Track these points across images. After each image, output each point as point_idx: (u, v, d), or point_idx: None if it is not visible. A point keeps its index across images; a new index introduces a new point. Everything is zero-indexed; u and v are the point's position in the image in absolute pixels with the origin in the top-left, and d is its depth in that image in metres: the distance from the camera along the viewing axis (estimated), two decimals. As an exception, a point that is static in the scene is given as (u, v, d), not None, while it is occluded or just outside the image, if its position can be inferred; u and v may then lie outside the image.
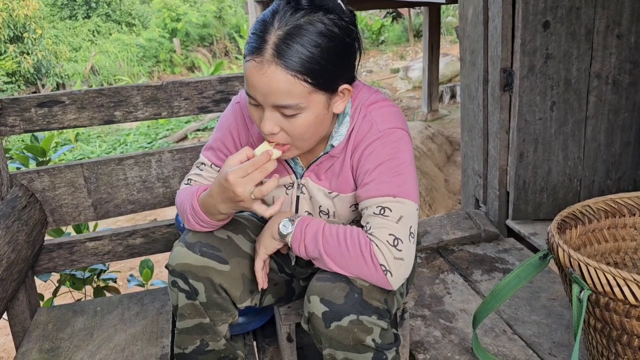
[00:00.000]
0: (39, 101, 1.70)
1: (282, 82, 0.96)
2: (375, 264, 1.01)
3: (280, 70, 0.95)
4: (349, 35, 1.01)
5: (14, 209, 1.62)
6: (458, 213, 2.41)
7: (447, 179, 5.46)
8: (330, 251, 1.05)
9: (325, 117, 1.04)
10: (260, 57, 0.96)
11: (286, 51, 0.95)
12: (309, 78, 0.97)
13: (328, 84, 1.00)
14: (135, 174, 1.83)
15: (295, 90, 0.97)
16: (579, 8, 1.93)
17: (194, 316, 1.22)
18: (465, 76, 2.32)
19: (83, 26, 17.07)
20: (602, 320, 1.15)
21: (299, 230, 1.09)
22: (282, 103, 0.98)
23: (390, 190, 1.05)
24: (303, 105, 0.99)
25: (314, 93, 0.99)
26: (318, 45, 0.96)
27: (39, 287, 2.04)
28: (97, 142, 8.44)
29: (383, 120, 1.09)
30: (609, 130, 2.10)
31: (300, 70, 0.96)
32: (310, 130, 1.03)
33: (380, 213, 1.04)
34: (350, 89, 1.06)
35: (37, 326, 1.70)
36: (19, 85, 12.24)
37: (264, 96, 0.99)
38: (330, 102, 1.04)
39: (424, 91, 7.26)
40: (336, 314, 1.03)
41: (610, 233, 1.43)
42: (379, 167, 1.07)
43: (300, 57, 0.95)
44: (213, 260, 1.18)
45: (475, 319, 1.46)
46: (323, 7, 0.98)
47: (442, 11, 10.16)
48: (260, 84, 0.97)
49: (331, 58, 0.98)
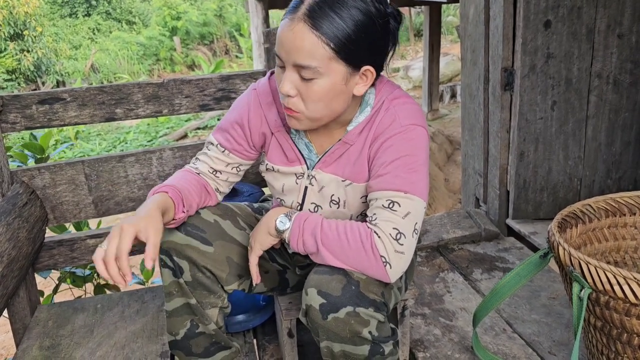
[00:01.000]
0: (40, 98, 1.70)
1: (306, 40, 0.98)
2: (376, 255, 1.02)
3: (307, 29, 0.98)
4: (385, 19, 1.03)
5: (15, 205, 1.62)
6: (458, 212, 2.41)
7: (447, 179, 5.47)
8: (329, 244, 1.05)
9: (342, 91, 1.05)
10: (293, 14, 1.00)
11: (318, 12, 0.98)
12: (333, 44, 0.99)
13: (351, 57, 1.01)
14: (136, 172, 1.83)
15: (317, 52, 0.99)
16: (580, 7, 1.93)
17: (181, 294, 1.22)
18: (466, 75, 2.32)
19: (83, 24, 17.06)
20: (602, 319, 1.16)
21: (297, 226, 1.09)
22: (302, 63, 1.00)
23: (403, 186, 1.06)
24: (321, 69, 1.00)
25: (334, 61, 1.00)
26: (351, 16, 0.99)
27: (39, 284, 2.04)
28: (97, 140, 8.44)
29: (406, 116, 1.11)
30: (609, 129, 2.10)
31: (326, 33, 0.98)
32: (324, 100, 1.04)
33: (389, 207, 1.05)
34: (374, 73, 1.06)
35: (38, 323, 1.70)
36: (19, 82, 12.24)
37: (287, 53, 1.01)
38: (350, 78, 1.04)
39: (424, 90, 7.26)
40: (333, 306, 1.03)
41: (610, 232, 1.43)
42: (396, 162, 1.08)
43: (330, 21, 0.98)
44: (196, 240, 1.19)
45: (475, 317, 1.47)
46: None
47: (442, 10, 10.16)
48: (286, 40, 1.00)
49: (360, 34, 1.00)
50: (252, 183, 1.88)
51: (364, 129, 1.13)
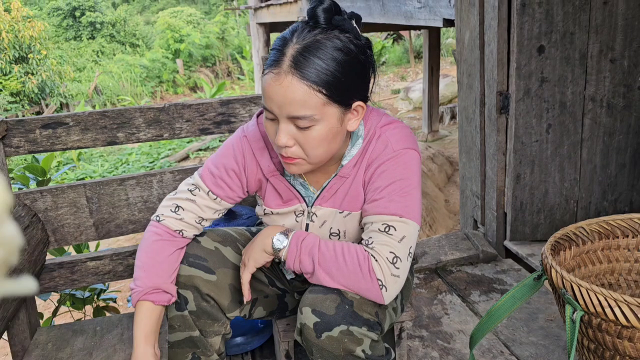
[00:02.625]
0: (44, 122, 1.73)
1: (297, 91, 0.99)
2: (373, 278, 1.04)
3: (296, 80, 0.99)
4: (364, 54, 1.05)
5: (17, 228, 1.64)
6: (456, 234, 2.42)
7: (447, 199, 5.48)
8: (326, 265, 1.06)
9: (338, 132, 1.06)
10: (278, 68, 1.00)
11: (303, 62, 0.99)
12: (324, 89, 1.00)
13: (342, 97, 1.03)
14: (136, 194, 1.85)
15: (311, 101, 1.00)
16: (572, 33, 1.97)
17: (183, 329, 1.24)
18: (463, 99, 2.36)
19: (87, 47, 17.28)
20: (595, 341, 1.17)
21: (295, 245, 1.10)
22: (297, 114, 1.01)
23: (398, 210, 1.08)
24: (317, 117, 1.01)
25: (329, 105, 1.02)
26: (334, 58, 1.00)
27: (39, 306, 2.05)
28: (100, 161, 8.49)
29: (398, 140, 1.13)
30: (604, 152, 2.12)
31: (316, 81, 0.99)
32: (323, 145, 1.05)
33: (385, 231, 1.07)
34: (364, 107, 1.09)
35: (37, 346, 1.71)
36: (23, 105, 12.36)
37: (280, 107, 1.01)
38: (344, 118, 1.06)
39: (424, 112, 7.32)
40: (327, 325, 1.05)
41: (604, 254, 1.45)
42: (391, 186, 1.10)
43: (317, 68, 0.99)
44: (200, 270, 1.21)
45: (472, 339, 1.47)
46: (340, 26, 1.03)
47: (442, 33, 10.29)
48: (277, 94, 1.01)
49: (346, 73, 1.02)
50: (251, 206, 1.90)
51: (359, 159, 1.15)
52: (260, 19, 7.61)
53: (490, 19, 2.05)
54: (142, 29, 18.82)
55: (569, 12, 1.95)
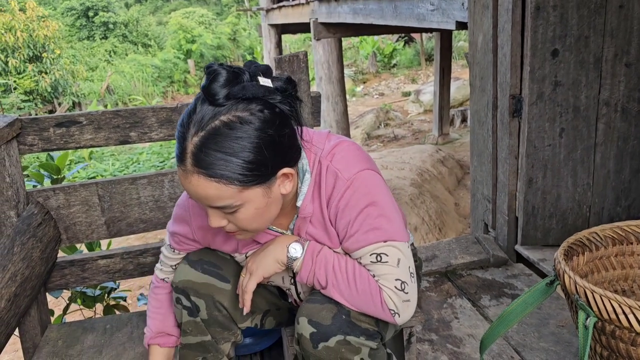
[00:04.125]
0: (57, 121, 1.75)
1: (208, 189, 0.93)
2: (385, 308, 1.03)
3: (202, 179, 0.92)
4: (277, 123, 0.94)
5: (30, 225, 1.66)
6: (467, 237, 2.41)
7: (457, 203, 5.46)
8: (339, 287, 1.05)
9: (270, 203, 1.00)
10: (183, 165, 0.93)
11: (204, 160, 0.91)
12: (235, 181, 0.93)
13: (259, 179, 0.95)
14: (148, 194, 1.86)
15: (224, 194, 0.93)
16: (587, 37, 1.96)
17: (195, 334, 1.24)
18: (475, 102, 2.34)
19: (100, 46, 17.43)
20: (608, 348, 1.15)
21: (310, 257, 1.07)
22: (216, 205, 0.96)
23: (378, 237, 1.03)
24: (238, 203, 0.95)
25: (246, 190, 0.95)
26: (239, 147, 0.91)
27: (50, 304, 2.07)
28: (111, 160, 8.55)
29: (346, 167, 1.05)
30: (618, 157, 2.10)
31: (223, 176, 0.92)
32: (256, 220, 1.00)
33: (378, 260, 1.03)
34: (292, 173, 1.00)
35: (48, 342, 1.72)
36: (36, 103, 12.49)
37: (199, 200, 0.97)
38: (271, 190, 0.99)
39: (435, 115, 7.30)
40: (323, 335, 1.04)
41: (617, 260, 1.43)
42: (359, 217, 1.04)
43: (221, 163, 0.91)
44: (214, 277, 1.21)
45: (482, 344, 1.46)
46: (242, 98, 0.92)
47: (453, 36, 10.25)
48: (190, 191, 0.96)
49: (256, 157, 0.93)
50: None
51: (314, 195, 1.08)
52: (272, 20, 7.63)
53: (503, 21, 2.04)
54: (154, 29, 18.95)
55: (583, 15, 1.93)
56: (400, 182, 5.02)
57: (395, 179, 5.09)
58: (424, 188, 5.07)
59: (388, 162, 5.65)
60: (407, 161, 5.67)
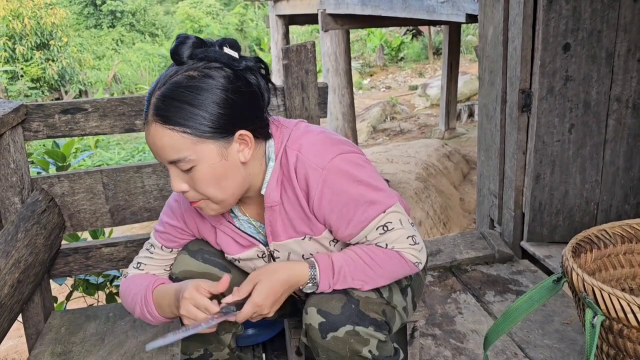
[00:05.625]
0: (63, 108, 1.73)
1: (163, 137, 0.97)
2: (410, 264, 1.09)
3: (159, 126, 0.97)
4: (237, 83, 0.99)
5: (34, 212, 1.65)
6: (472, 233, 2.39)
7: (462, 198, 5.43)
8: (363, 278, 1.07)
9: (226, 167, 1.01)
10: (145, 118, 1.00)
11: (162, 108, 0.97)
12: (188, 129, 0.96)
13: (213, 132, 0.98)
14: (152, 182, 1.85)
15: (178, 143, 0.97)
16: (600, 31, 1.93)
17: None
18: (484, 96, 2.32)
19: (107, 35, 17.42)
20: (615, 347, 1.14)
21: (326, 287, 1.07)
22: (172, 158, 0.99)
23: (378, 210, 1.05)
24: (192, 157, 0.98)
25: (200, 143, 0.98)
26: (196, 98, 0.96)
27: (53, 290, 2.07)
28: (117, 149, 8.56)
29: (316, 155, 1.05)
30: (628, 154, 2.08)
31: (178, 123, 0.96)
32: (213, 183, 1.01)
33: (385, 230, 1.06)
34: (250, 136, 1.01)
35: (51, 329, 1.72)
36: (43, 91, 12.51)
37: (157, 155, 1.01)
38: (227, 152, 1.00)
39: (441, 109, 7.26)
40: (332, 325, 1.04)
41: (626, 258, 1.41)
42: (350, 202, 1.04)
43: (177, 111, 0.96)
44: (215, 267, 1.21)
45: (487, 340, 1.45)
46: (204, 59, 0.99)
47: (462, 30, 10.18)
48: (150, 143, 1.00)
49: (212, 108, 0.97)
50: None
51: (282, 183, 1.08)
52: (279, 11, 7.59)
53: (515, 14, 2.01)
54: (161, 19, 18.92)
55: (597, 9, 1.90)
56: (406, 176, 5.00)
57: (400, 172, 5.07)
58: (429, 182, 5.05)
59: (393, 156, 5.62)
60: (412, 155, 5.64)
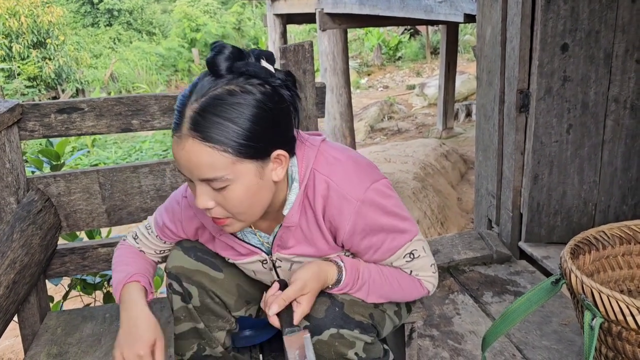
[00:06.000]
0: (59, 107, 1.72)
1: (201, 155, 0.91)
2: (425, 291, 1.16)
3: (197, 143, 0.91)
4: (276, 100, 0.95)
5: (30, 212, 1.64)
6: (470, 233, 2.39)
7: (460, 198, 5.43)
8: (380, 294, 1.11)
9: (261, 186, 0.97)
10: (179, 132, 0.93)
11: (201, 123, 0.90)
12: (230, 149, 0.91)
13: (254, 152, 0.94)
14: (149, 182, 1.84)
15: (217, 162, 0.91)
16: (598, 32, 1.92)
17: (188, 319, 1.23)
18: (482, 96, 2.31)
19: (104, 34, 17.37)
20: (614, 349, 1.14)
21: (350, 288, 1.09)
22: (207, 176, 0.93)
23: (406, 239, 1.09)
24: (230, 176, 0.93)
25: (239, 163, 0.93)
26: (238, 114, 0.91)
27: (49, 290, 2.06)
28: (113, 148, 8.54)
29: (351, 187, 1.03)
30: (626, 155, 2.07)
31: (219, 142, 0.90)
32: (245, 202, 0.96)
33: (412, 258, 1.10)
34: (286, 155, 0.99)
35: (47, 330, 1.71)
36: (40, 89, 12.46)
37: (189, 171, 0.94)
38: (264, 171, 0.97)
39: (439, 108, 7.26)
40: (316, 328, 1.04)
41: (624, 260, 1.41)
42: (381, 233, 1.06)
43: (218, 127, 0.90)
44: (207, 265, 1.20)
45: (485, 341, 1.44)
46: (244, 73, 0.94)
47: (460, 29, 10.18)
48: (182, 159, 0.93)
49: (254, 127, 0.92)
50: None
51: (303, 206, 1.05)
52: (277, 10, 7.57)
53: (513, 14, 2.01)
54: (158, 18, 18.87)
55: (595, 9, 1.90)
56: (403, 175, 4.99)
57: (398, 172, 5.07)
58: (426, 182, 5.04)
59: (391, 156, 5.62)
60: (410, 155, 5.64)
